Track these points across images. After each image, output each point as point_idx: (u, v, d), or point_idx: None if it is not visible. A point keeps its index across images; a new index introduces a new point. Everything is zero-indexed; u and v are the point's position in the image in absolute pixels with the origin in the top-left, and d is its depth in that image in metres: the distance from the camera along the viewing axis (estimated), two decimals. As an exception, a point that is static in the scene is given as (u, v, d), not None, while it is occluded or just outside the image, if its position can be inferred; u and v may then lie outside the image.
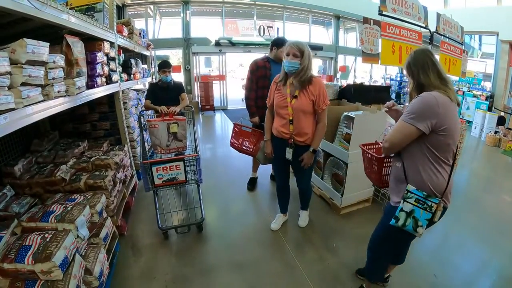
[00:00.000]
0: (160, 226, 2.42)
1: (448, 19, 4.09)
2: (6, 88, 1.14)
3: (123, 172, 2.72)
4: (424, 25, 3.46)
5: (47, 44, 1.35)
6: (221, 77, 10.04)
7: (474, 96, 9.07)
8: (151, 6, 9.49)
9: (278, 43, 2.84)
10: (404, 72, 1.49)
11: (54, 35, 1.88)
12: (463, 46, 4.75)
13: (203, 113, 9.20)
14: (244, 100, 3.06)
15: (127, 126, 3.18)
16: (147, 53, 4.88)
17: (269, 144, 2.32)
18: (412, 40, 3.31)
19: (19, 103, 1.20)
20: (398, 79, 11.64)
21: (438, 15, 3.88)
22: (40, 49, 1.30)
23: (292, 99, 2.07)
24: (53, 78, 1.44)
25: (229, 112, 9.44)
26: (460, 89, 9.59)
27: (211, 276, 2.10)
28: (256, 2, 9.89)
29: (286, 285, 2.03)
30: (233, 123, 2.99)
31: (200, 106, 9.43)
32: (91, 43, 2.16)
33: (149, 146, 3.22)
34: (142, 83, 4.33)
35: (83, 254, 1.58)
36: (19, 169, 2.18)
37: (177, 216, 2.73)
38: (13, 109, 1.16)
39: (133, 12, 9.43)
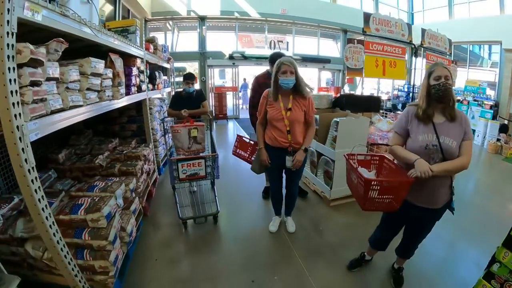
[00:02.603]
0: (180, 216, 2.80)
1: (434, 33, 4.49)
2: (77, 91, 1.69)
3: (148, 165, 3.25)
4: (408, 41, 3.88)
5: (103, 61, 1.91)
6: (234, 89, 10.70)
7: (479, 105, 9.20)
8: (170, 22, 10.37)
9: (274, 58, 2.98)
10: (450, 82, 1.59)
11: (96, 50, 2.43)
12: (452, 56, 5.06)
13: (217, 122, 9.79)
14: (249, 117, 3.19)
15: (152, 128, 3.75)
16: (167, 65, 5.52)
17: (264, 152, 2.45)
18: (395, 55, 3.74)
19: (84, 102, 1.75)
20: (406, 89, 11.92)
21: (423, 31, 4.29)
22: (99, 64, 1.86)
23: (287, 112, 2.28)
24: (105, 86, 2.00)
25: (241, 121, 10.01)
26: (465, 99, 9.76)
27: (218, 247, 2.59)
28: (267, 18, 10.59)
29: (278, 256, 2.47)
30: (237, 135, 3.29)
31: (214, 115, 10.05)
32: (127, 59, 2.74)
33: (169, 146, 3.73)
34: (162, 93, 4.93)
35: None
36: (62, 157, 2.71)
37: (195, 210, 3.06)
38: (80, 106, 1.71)
39: (153, 26, 10.28)
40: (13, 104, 1.12)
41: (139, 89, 3.10)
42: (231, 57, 10.26)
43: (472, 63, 11.63)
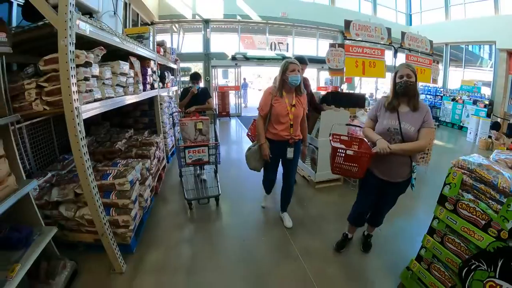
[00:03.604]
0: (186, 197, 3.20)
1: (415, 35, 4.98)
2: (110, 86, 2.22)
3: (159, 152, 3.78)
4: (388, 43, 4.36)
5: (128, 63, 2.44)
6: (236, 88, 11.25)
7: (474, 103, 9.55)
8: (176, 24, 10.95)
9: (301, 61, 3.36)
10: (412, 80, 1.93)
11: (117, 54, 2.92)
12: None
13: (220, 119, 10.33)
14: None
15: (162, 122, 4.29)
16: (174, 66, 6.05)
17: (266, 147, 2.62)
18: (375, 56, 4.22)
19: (115, 95, 2.27)
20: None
21: (403, 33, 4.80)
22: (125, 66, 2.39)
23: (292, 108, 2.53)
24: (129, 83, 2.53)
25: (243, 119, 10.53)
26: (460, 98, 10.14)
27: (217, 219, 3.11)
28: (268, 21, 11.12)
29: (266, 224, 3.00)
30: (253, 120, 3.57)
31: (217, 112, 10.58)
32: (143, 61, 3.26)
33: (177, 138, 4.19)
34: (169, 92, 5.45)
35: (138, 186, 2.61)
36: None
37: (199, 193, 3.47)
38: (112, 97, 2.23)
39: (159, 28, 10.82)
40: (73, 92, 1.64)
41: (152, 87, 3.62)
42: (233, 58, 10.81)
43: (471, 63, 11.95)
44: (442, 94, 10.98)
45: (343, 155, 2.04)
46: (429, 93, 11.46)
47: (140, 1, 8.13)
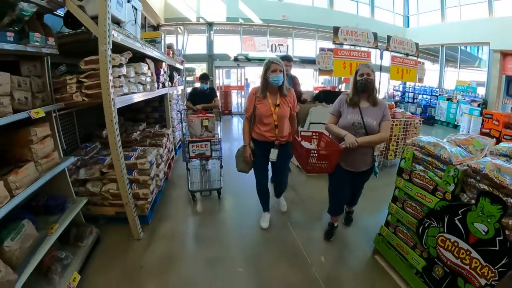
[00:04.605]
0: (189, 189, 3.45)
1: (401, 38, 5.40)
2: (133, 84, 2.69)
3: (169, 143, 4.25)
4: (374, 46, 4.80)
5: (147, 65, 2.91)
6: (240, 87, 11.75)
7: (470, 103, 9.87)
8: (181, 26, 11.48)
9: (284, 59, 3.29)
10: (371, 78, 2.11)
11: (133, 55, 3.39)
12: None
13: (223, 117, 10.78)
14: None
15: (171, 117, 4.77)
16: (181, 67, 6.54)
17: (249, 149, 2.61)
18: (361, 58, 4.66)
19: (137, 91, 2.75)
20: (401, 89, 12.75)
21: (389, 37, 5.23)
22: (145, 67, 2.87)
23: (276, 108, 2.43)
24: (147, 82, 3.01)
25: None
26: (455, 97, 10.50)
27: (221, 204, 3.54)
28: (269, 24, 11.62)
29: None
30: None
31: (220, 111, 11.03)
32: (156, 62, 3.74)
33: (183, 133, 4.56)
34: (173, 91, 5.93)
35: (154, 168, 3.08)
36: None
37: (202, 185, 3.78)
38: (135, 93, 2.70)
39: (165, 29, 11.36)
40: (110, 87, 2.11)
41: (163, 85, 4.11)
42: (236, 59, 11.34)
43: (469, 63, 12.30)
44: (437, 94, 11.35)
45: (316, 155, 2.14)
46: (425, 93, 11.84)
47: (148, 5, 8.62)
